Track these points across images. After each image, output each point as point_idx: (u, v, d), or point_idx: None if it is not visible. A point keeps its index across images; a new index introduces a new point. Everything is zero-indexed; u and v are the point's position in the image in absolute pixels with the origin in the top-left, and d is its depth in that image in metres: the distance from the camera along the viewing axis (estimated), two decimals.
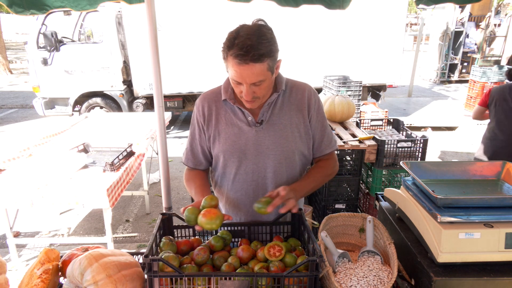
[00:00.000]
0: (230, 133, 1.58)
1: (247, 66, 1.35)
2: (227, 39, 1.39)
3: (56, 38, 6.61)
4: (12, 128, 8.14)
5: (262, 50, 1.34)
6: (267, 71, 1.40)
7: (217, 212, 1.37)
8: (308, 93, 1.63)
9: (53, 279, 1.33)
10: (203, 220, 1.34)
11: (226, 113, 1.60)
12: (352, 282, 1.31)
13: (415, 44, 12.24)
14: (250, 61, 1.34)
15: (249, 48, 1.32)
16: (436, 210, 1.31)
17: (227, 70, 1.46)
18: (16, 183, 2.70)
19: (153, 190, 4.93)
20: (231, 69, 1.39)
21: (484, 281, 1.25)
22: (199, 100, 1.66)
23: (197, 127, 1.66)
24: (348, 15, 6.41)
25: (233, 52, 1.35)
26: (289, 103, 1.60)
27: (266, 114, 1.57)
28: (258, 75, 1.38)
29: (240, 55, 1.33)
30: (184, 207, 1.43)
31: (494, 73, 8.50)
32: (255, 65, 1.35)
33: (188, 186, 1.70)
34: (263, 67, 1.37)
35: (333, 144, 1.71)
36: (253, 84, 1.41)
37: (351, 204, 3.48)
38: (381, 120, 3.98)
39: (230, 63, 1.38)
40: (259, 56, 1.34)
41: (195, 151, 1.69)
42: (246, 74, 1.37)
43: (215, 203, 1.43)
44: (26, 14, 2.53)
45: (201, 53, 6.97)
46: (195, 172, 1.73)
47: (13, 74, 14.76)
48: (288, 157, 1.60)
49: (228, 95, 1.57)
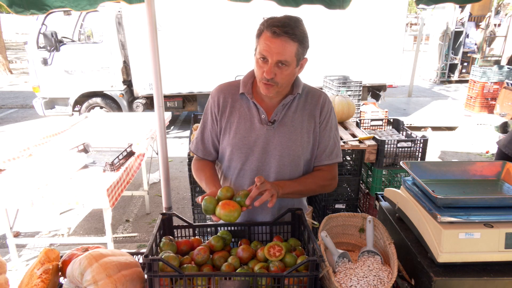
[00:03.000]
0: (241, 127, 1.58)
1: (279, 39, 1.38)
2: (264, 19, 1.43)
3: (56, 38, 6.61)
4: (12, 128, 8.14)
5: (296, 32, 1.40)
6: (294, 56, 1.43)
7: (236, 205, 1.37)
8: (323, 101, 1.64)
9: (53, 279, 1.33)
10: (222, 212, 1.35)
11: (241, 107, 1.60)
12: (352, 282, 1.31)
13: (415, 44, 12.24)
14: (284, 35, 1.37)
15: (286, 24, 1.38)
16: (436, 210, 1.31)
17: (254, 52, 1.48)
18: (16, 183, 2.70)
19: (153, 190, 4.93)
20: (262, 43, 1.41)
21: (484, 281, 1.25)
22: (215, 90, 1.65)
23: (210, 117, 1.65)
24: (348, 15, 6.41)
25: (271, 23, 1.39)
26: (303, 108, 1.61)
27: (279, 114, 1.57)
28: (286, 53, 1.40)
29: (276, 26, 1.37)
30: (201, 196, 1.44)
31: (494, 73, 8.51)
32: (287, 41, 1.39)
33: (198, 177, 1.69)
34: (292, 48, 1.41)
35: (333, 157, 1.66)
36: (278, 64, 1.42)
37: (351, 204, 3.48)
38: (381, 120, 3.98)
39: (263, 37, 1.41)
40: (293, 35, 1.39)
41: (205, 141, 1.69)
42: (275, 47, 1.39)
43: (230, 194, 1.43)
44: (26, 14, 2.53)
45: (201, 53, 6.97)
46: (204, 162, 1.72)
47: (13, 74, 14.75)
48: (293, 161, 1.60)
49: (246, 89, 1.58)
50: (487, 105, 8.62)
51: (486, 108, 8.63)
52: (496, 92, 8.47)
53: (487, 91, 8.54)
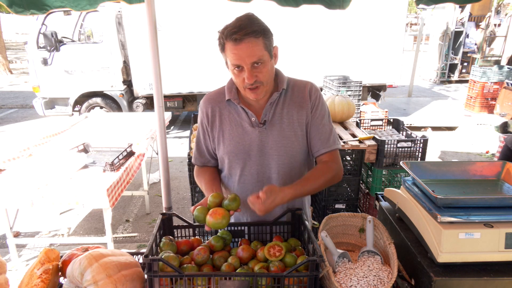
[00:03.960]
0: (234, 134, 1.58)
1: (242, 43, 1.37)
2: (219, 32, 1.43)
3: (56, 38, 6.61)
4: (12, 128, 8.14)
5: (254, 27, 1.39)
6: (264, 50, 1.41)
7: (223, 212, 1.39)
8: (309, 90, 1.60)
9: (53, 279, 1.33)
10: (211, 220, 1.38)
11: (230, 114, 1.60)
12: (352, 282, 1.31)
13: (415, 44, 12.24)
14: (244, 36, 1.36)
15: (242, 26, 1.37)
16: (436, 210, 1.31)
17: (226, 65, 1.47)
18: (16, 183, 2.70)
19: (153, 190, 4.93)
20: (229, 54, 1.41)
21: (484, 281, 1.25)
22: (202, 102, 1.65)
23: (202, 129, 1.67)
24: (348, 15, 6.40)
25: (228, 32, 1.38)
26: (291, 101, 1.58)
27: (268, 114, 1.56)
28: (256, 52, 1.39)
29: (233, 33, 1.36)
30: (194, 206, 1.46)
31: (494, 73, 8.50)
32: (250, 41, 1.37)
33: (198, 182, 1.71)
34: (258, 43, 1.39)
35: (331, 144, 1.60)
36: (254, 65, 1.41)
37: (351, 204, 3.48)
38: (381, 120, 3.98)
39: (228, 48, 1.40)
40: (253, 32, 1.37)
41: (201, 151, 1.71)
42: (243, 52, 1.38)
43: (219, 200, 1.44)
44: (26, 14, 2.53)
45: (201, 53, 6.96)
46: (204, 168, 1.74)
47: (13, 74, 14.75)
48: (292, 157, 1.59)
49: (232, 95, 1.57)
50: (487, 105, 8.62)
51: (486, 108, 8.63)
52: (496, 92, 8.47)
53: (487, 91, 8.54)
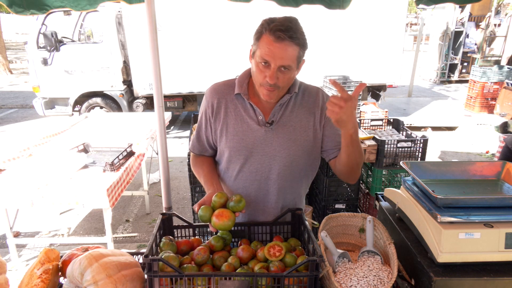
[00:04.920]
0: (238, 129, 1.56)
1: (282, 44, 1.35)
2: (264, 21, 1.39)
3: (56, 38, 6.61)
4: (12, 128, 8.14)
5: (299, 36, 1.37)
6: (295, 60, 1.40)
7: (229, 214, 1.40)
8: (322, 96, 1.61)
9: (53, 279, 1.33)
10: (217, 222, 1.39)
11: (236, 108, 1.57)
12: (352, 282, 1.31)
13: (415, 44, 12.24)
14: (287, 39, 1.34)
15: (289, 28, 1.35)
16: (436, 210, 1.31)
17: (250, 55, 1.45)
18: (16, 183, 2.70)
19: (153, 190, 4.93)
20: (264, 47, 1.37)
21: (484, 281, 1.25)
22: (209, 91, 1.62)
23: (204, 118, 1.64)
24: (348, 15, 6.41)
25: (273, 27, 1.35)
26: (301, 106, 1.58)
27: (277, 114, 1.55)
28: (289, 58, 1.38)
29: (280, 30, 1.34)
30: (197, 205, 1.45)
31: (494, 73, 8.51)
32: (290, 45, 1.36)
33: (196, 172, 1.70)
34: (295, 52, 1.38)
35: None
36: (280, 68, 1.39)
37: (351, 204, 3.48)
38: (381, 120, 3.98)
39: (265, 41, 1.37)
40: (296, 39, 1.36)
41: (201, 140, 1.69)
42: (278, 52, 1.36)
43: (224, 201, 1.45)
44: (26, 14, 2.53)
45: (201, 53, 6.97)
46: (202, 158, 1.72)
47: (13, 74, 14.75)
48: (295, 161, 1.59)
49: (242, 89, 1.55)
50: (487, 105, 8.62)
51: (486, 108, 8.63)
52: (496, 92, 8.47)
53: (487, 91, 8.54)
